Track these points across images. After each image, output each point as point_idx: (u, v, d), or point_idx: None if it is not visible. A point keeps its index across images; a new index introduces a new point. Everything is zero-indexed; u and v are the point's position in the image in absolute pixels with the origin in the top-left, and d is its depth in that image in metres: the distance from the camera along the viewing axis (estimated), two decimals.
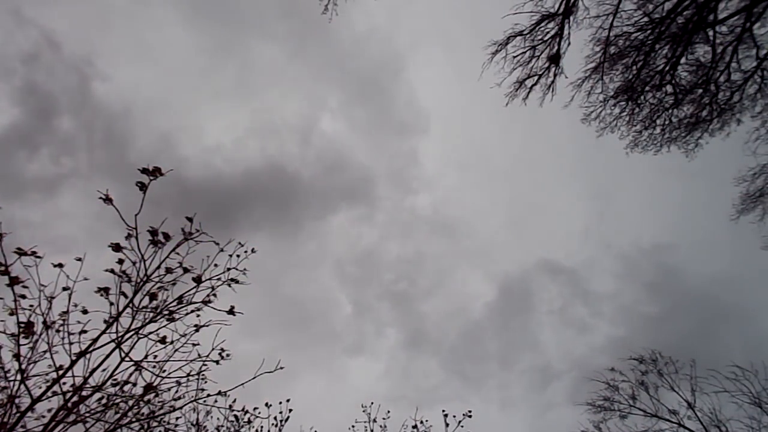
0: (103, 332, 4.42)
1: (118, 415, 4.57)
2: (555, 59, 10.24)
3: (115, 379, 4.47)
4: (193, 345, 4.90)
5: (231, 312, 4.92)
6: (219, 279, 5.02)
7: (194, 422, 5.38)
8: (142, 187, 4.37)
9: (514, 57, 10.37)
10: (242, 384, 4.91)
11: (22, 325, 4.12)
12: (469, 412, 6.45)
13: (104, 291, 4.53)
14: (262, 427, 5.77)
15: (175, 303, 4.78)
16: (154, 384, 4.66)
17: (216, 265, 5.05)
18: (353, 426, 6.78)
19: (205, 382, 4.95)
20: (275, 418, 5.63)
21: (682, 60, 10.50)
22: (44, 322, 4.23)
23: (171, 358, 4.78)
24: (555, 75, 10.47)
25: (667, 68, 10.50)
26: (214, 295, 4.99)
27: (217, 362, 5.01)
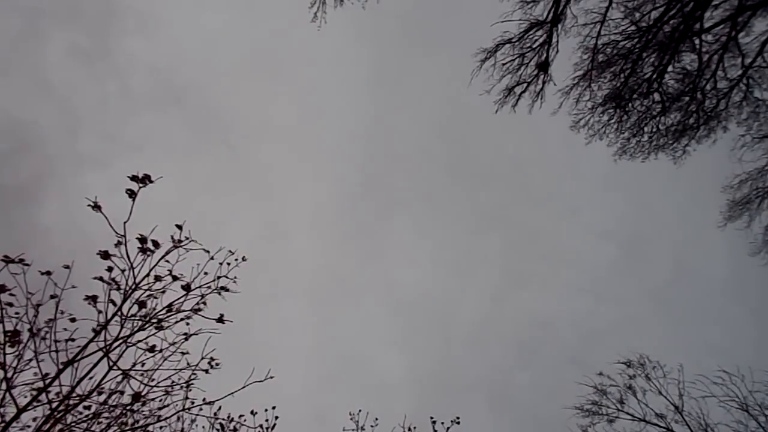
0: (91, 341, 4.40)
1: (103, 425, 4.54)
2: (543, 67, 10.37)
3: (102, 389, 4.45)
4: (182, 354, 4.89)
5: (220, 320, 4.92)
6: (209, 287, 5.02)
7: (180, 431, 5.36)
8: (132, 194, 4.38)
9: (503, 64, 10.49)
10: (232, 393, 4.90)
11: (8, 333, 4.09)
12: (458, 418, 6.45)
13: (92, 299, 4.52)
14: None
15: (164, 311, 4.78)
16: (143, 393, 4.64)
17: (206, 273, 5.06)
18: None
19: (190, 390, 4.94)
20: (261, 426, 5.61)
21: (669, 68, 10.66)
22: (30, 330, 4.21)
23: (160, 367, 4.77)
24: (544, 82, 10.60)
25: (655, 76, 10.65)
26: (204, 303, 4.99)
27: (206, 371, 5.00)
